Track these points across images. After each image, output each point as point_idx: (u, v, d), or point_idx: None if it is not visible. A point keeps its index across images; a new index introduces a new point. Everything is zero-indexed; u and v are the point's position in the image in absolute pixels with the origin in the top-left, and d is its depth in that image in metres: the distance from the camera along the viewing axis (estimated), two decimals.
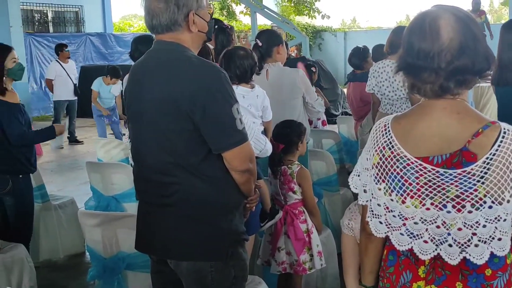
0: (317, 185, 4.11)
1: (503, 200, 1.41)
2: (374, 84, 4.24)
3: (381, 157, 1.56)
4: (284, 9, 19.58)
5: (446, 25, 1.45)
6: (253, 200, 2.28)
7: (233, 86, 3.05)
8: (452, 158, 1.44)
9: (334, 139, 5.31)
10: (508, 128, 1.44)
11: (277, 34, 4.15)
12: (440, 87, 1.47)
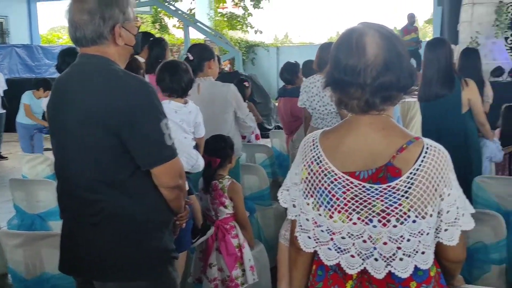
0: (249, 200, 4.10)
1: (426, 215, 1.44)
2: (306, 99, 4.30)
3: (309, 172, 1.56)
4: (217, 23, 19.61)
5: (371, 42, 1.47)
6: (183, 217, 2.24)
7: (166, 100, 3.04)
8: (377, 173, 1.46)
9: (267, 153, 5.33)
10: (430, 144, 1.47)
11: (208, 48, 4.13)
12: (366, 103, 1.49)
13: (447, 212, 1.48)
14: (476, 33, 12.42)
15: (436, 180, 1.44)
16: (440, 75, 3.97)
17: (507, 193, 3.32)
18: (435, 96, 3.99)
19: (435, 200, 1.45)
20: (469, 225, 1.52)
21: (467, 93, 3.97)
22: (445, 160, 1.47)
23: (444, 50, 4.01)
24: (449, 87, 3.95)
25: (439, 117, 4.02)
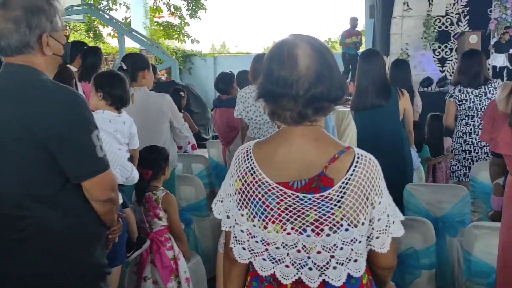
0: (186, 211, 4.06)
1: (358, 223, 1.47)
2: (242, 109, 4.30)
3: (243, 183, 1.56)
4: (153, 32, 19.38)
5: (303, 54, 1.49)
6: (116, 230, 2.18)
7: (99, 110, 2.96)
8: (310, 183, 1.47)
9: (204, 164, 5.30)
10: (361, 153, 1.50)
11: (143, 58, 4.07)
12: (299, 114, 1.51)
13: (378, 220, 1.51)
14: (406, 45, 12.90)
15: (367, 189, 1.47)
16: (375, 85, 4.04)
17: (436, 200, 3.43)
18: (371, 106, 4.05)
19: (366, 209, 1.48)
20: (399, 232, 1.56)
21: (403, 103, 4.09)
22: (376, 169, 1.50)
23: (378, 61, 4.10)
24: (385, 97, 4.03)
25: (376, 127, 4.08)
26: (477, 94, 4.48)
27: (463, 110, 4.58)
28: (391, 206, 1.54)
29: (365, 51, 4.53)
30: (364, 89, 4.07)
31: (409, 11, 12.80)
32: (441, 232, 3.39)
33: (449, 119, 4.70)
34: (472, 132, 4.55)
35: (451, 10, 14.24)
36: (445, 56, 14.38)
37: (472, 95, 4.49)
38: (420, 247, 2.71)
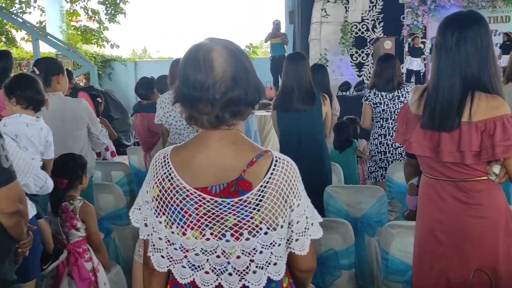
0: (105, 220, 3.94)
1: (277, 226, 1.46)
2: (162, 115, 4.23)
3: (161, 189, 1.52)
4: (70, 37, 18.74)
5: (219, 57, 1.47)
6: (26, 244, 2.07)
7: (16, 114, 2.83)
8: (229, 188, 1.46)
9: (124, 171, 5.17)
10: (279, 156, 1.50)
11: (56, 62, 3.92)
12: (216, 118, 1.49)
13: (297, 222, 1.52)
14: (325, 50, 13.22)
15: (285, 192, 1.47)
16: (301, 89, 4.10)
17: (354, 201, 3.52)
18: (296, 110, 4.11)
19: (285, 211, 1.48)
20: (318, 234, 1.57)
21: (326, 107, 4.18)
22: (294, 172, 1.50)
23: (304, 64, 4.16)
24: (310, 101, 4.10)
25: (299, 129, 4.15)
26: (391, 97, 4.64)
27: (378, 113, 4.74)
28: (309, 208, 1.55)
29: (292, 53, 4.58)
30: (289, 91, 4.13)
31: (327, 17, 13.15)
32: (360, 232, 3.48)
33: (365, 121, 4.84)
34: (386, 134, 4.72)
35: (367, 17, 14.75)
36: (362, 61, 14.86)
37: (386, 99, 4.66)
38: (340, 248, 2.77)
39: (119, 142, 9.66)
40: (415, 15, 14.50)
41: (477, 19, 2.08)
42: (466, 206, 2.12)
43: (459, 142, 2.02)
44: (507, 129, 1.96)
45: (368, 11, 14.50)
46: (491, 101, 2.01)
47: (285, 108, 4.17)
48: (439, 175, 2.17)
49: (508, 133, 1.96)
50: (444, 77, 2.08)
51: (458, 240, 2.15)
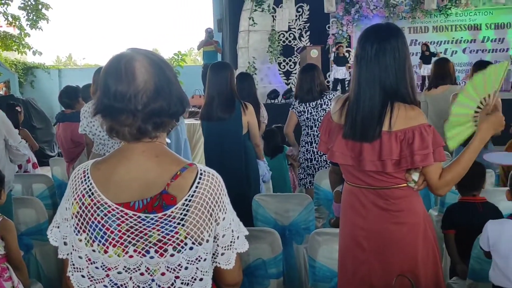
0: (25, 236, 3.77)
1: (203, 240, 1.44)
2: (86, 125, 4.12)
3: (80, 206, 1.46)
4: None
5: (141, 67, 1.44)
6: None
7: None
8: (153, 202, 1.42)
9: (46, 183, 4.96)
10: (204, 169, 1.48)
11: None
12: (138, 130, 1.45)
13: (223, 236, 1.50)
14: (253, 58, 13.34)
15: (211, 205, 1.45)
16: (222, 98, 4.11)
17: (282, 209, 3.55)
18: (217, 118, 4.12)
19: (210, 225, 1.46)
20: (244, 247, 1.56)
21: (247, 116, 4.19)
22: (219, 185, 1.49)
23: (226, 74, 4.17)
24: (230, 110, 4.11)
25: (220, 138, 4.16)
26: (314, 106, 4.75)
27: (303, 121, 4.83)
28: (235, 221, 1.54)
29: (216, 63, 4.58)
30: (211, 100, 4.14)
31: (254, 26, 13.27)
32: (289, 240, 3.51)
33: (287, 127, 4.96)
34: (312, 142, 4.81)
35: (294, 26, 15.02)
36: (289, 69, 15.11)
37: (309, 107, 4.76)
38: (268, 257, 2.77)
39: (42, 153, 9.31)
40: (340, 24, 14.91)
41: (395, 32, 2.15)
42: (387, 213, 2.18)
43: (380, 151, 2.08)
44: (425, 138, 2.04)
45: (295, 20, 14.77)
46: (409, 111, 2.08)
47: (207, 117, 4.20)
48: (361, 183, 2.22)
49: (426, 142, 2.04)
50: (364, 87, 2.13)
51: (380, 246, 2.21)
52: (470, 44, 15.28)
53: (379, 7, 14.81)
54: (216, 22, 16.91)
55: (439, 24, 15.27)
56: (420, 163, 2.05)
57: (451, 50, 15.30)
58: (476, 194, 3.15)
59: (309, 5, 14.83)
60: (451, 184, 2.17)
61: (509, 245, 2.48)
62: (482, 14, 15.08)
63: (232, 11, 14.75)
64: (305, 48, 12.40)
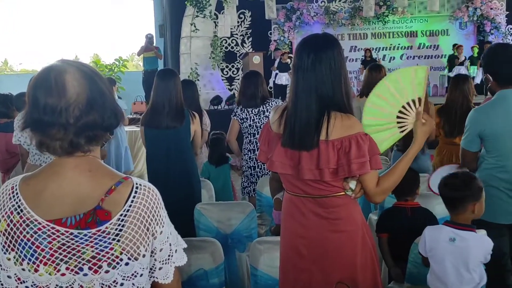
0: None
1: (139, 256, 1.42)
2: (20, 135, 3.99)
3: (9, 223, 1.40)
4: None
5: (72, 80, 1.41)
6: None
7: None
8: (86, 218, 1.38)
9: None
10: (140, 183, 1.45)
11: None
12: (70, 144, 1.41)
13: (160, 250, 1.48)
14: (196, 65, 13.28)
15: (147, 220, 1.42)
16: (171, 106, 4.05)
17: (225, 218, 3.54)
18: (166, 127, 4.06)
19: (147, 240, 1.43)
20: (182, 261, 1.54)
21: (194, 125, 4.17)
22: (156, 198, 1.46)
23: (175, 81, 4.12)
24: (180, 119, 4.06)
25: (167, 147, 4.10)
26: (256, 113, 4.75)
27: (245, 128, 4.83)
28: (173, 234, 1.52)
29: (162, 69, 4.52)
30: (160, 108, 4.07)
31: (196, 32, 13.22)
32: (231, 249, 3.50)
33: (230, 135, 4.92)
34: (255, 149, 4.81)
35: (236, 32, 15.08)
36: (232, 75, 15.14)
37: (252, 114, 4.76)
38: (210, 267, 2.75)
39: None
40: (282, 31, 15.10)
41: (331, 42, 2.18)
42: (326, 221, 2.21)
43: (318, 160, 2.10)
44: (361, 146, 2.08)
45: (237, 26, 14.84)
46: (346, 120, 2.12)
47: (154, 125, 4.11)
48: (300, 192, 2.24)
49: (362, 151, 2.07)
50: (301, 96, 2.15)
51: (320, 254, 2.23)
52: (407, 50, 15.81)
53: (319, 14, 15.09)
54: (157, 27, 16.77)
55: (378, 31, 15.72)
56: (357, 171, 2.08)
57: (389, 56, 15.77)
58: (408, 199, 3.24)
59: (250, 11, 14.94)
60: (387, 192, 2.22)
61: (444, 251, 2.56)
62: (418, 22, 15.64)
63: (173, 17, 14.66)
64: (247, 54, 12.47)
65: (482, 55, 3.27)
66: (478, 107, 3.20)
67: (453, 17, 15.35)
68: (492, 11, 14.87)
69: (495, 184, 3.05)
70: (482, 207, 2.60)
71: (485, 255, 2.54)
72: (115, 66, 16.62)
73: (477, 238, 2.57)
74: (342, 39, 15.47)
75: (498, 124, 2.97)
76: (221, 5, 13.23)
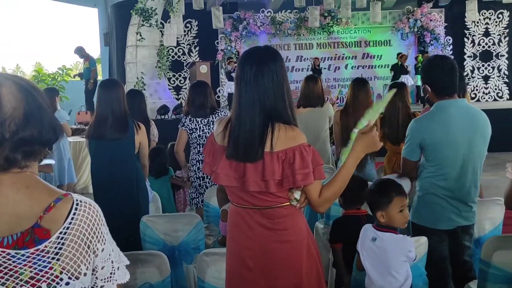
0: None
1: (80, 274, 1.38)
2: None
3: None
4: None
5: (8, 94, 1.36)
6: None
7: None
8: (24, 237, 1.33)
9: None
10: (80, 199, 1.42)
11: None
12: (6, 160, 1.36)
13: (102, 268, 1.45)
14: (142, 74, 13.14)
15: (88, 237, 1.39)
16: (115, 117, 3.97)
17: (171, 230, 3.50)
18: (110, 138, 3.98)
19: (88, 258, 1.40)
20: (125, 278, 1.51)
21: (139, 136, 4.09)
22: (97, 215, 1.43)
23: (118, 91, 4.04)
24: (124, 130, 3.99)
25: (112, 159, 4.02)
26: (206, 123, 4.74)
27: (194, 139, 4.80)
28: (115, 251, 1.49)
29: (105, 80, 4.42)
30: (103, 119, 3.98)
31: (142, 41, 13.09)
32: (178, 261, 3.46)
33: (178, 146, 4.87)
34: None
35: (183, 41, 15.03)
36: (179, 85, 15.07)
37: (201, 124, 4.74)
38: (156, 280, 2.71)
39: None
40: (229, 40, 15.15)
41: (273, 55, 2.20)
42: (272, 232, 2.22)
43: (263, 172, 2.11)
44: (305, 157, 2.10)
45: (184, 35, 14.79)
46: (290, 132, 2.14)
47: (98, 136, 4.02)
48: (246, 204, 2.24)
49: (306, 162, 2.10)
50: (245, 108, 2.16)
51: (266, 265, 2.24)
52: (351, 60, 16.17)
53: (266, 24, 15.24)
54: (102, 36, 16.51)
55: (323, 41, 16.01)
56: (301, 182, 2.10)
57: (334, 66, 16.09)
58: (359, 207, 3.30)
59: (197, 21, 14.94)
60: (331, 201, 2.25)
61: (368, 249, 2.70)
62: (361, 32, 16.03)
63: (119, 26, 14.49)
64: (194, 64, 12.44)
65: (421, 67, 3.37)
66: (418, 118, 3.30)
67: (395, 28, 15.82)
68: (431, 23, 15.42)
69: (435, 191, 3.14)
70: (389, 217, 2.67)
71: (405, 254, 2.63)
72: (58, 75, 16.24)
73: (395, 238, 2.66)
74: (288, 49, 15.68)
75: (437, 134, 3.06)
76: (167, 14, 13.17)
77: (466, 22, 15.40)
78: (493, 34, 15.80)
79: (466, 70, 15.72)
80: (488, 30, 15.80)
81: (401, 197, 2.68)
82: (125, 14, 13.48)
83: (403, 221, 2.69)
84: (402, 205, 2.68)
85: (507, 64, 15.85)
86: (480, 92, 15.91)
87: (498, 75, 15.89)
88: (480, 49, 15.85)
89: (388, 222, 2.67)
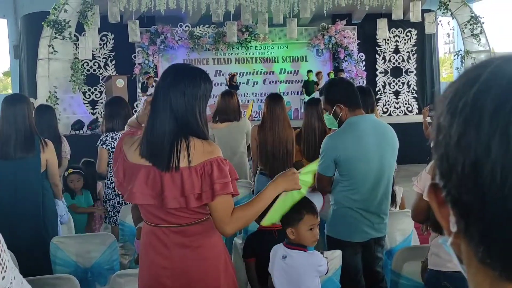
0: None
1: None
2: None
3: None
4: None
5: None
6: None
7: None
8: None
9: None
10: None
11: None
12: None
13: None
14: (55, 88, 12.67)
15: None
16: (19, 134, 3.77)
17: (84, 251, 3.37)
18: (14, 157, 3.77)
19: None
20: None
21: (46, 154, 3.90)
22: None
23: (23, 107, 3.83)
24: (29, 149, 3.80)
25: (16, 178, 3.81)
26: None
27: None
28: (16, 279, 1.40)
29: (9, 95, 4.18)
30: (7, 138, 3.77)
31: (55, 54, 12.63)
32: (91, 283, 3.34)
33: (101, 166, 4.68)
34: None
35: (98, 55, 14.69)
36: (95, 99, 14.69)
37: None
38: None
39: None
40: (146, 54, 14.95)
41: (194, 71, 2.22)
42: (189, 250, 2.19)
43: (182, 187, 2.09)
44: (222, 168, 2.11)
45: (99, 48, 14.45)
46: (207, 146, 2.14)
47: (2, 155, 3.80)
48: (162, 223, 2.20)
49: (224, 172, 2.10)
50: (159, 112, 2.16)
51: (184, 284, 2.20)
52: (268, 75, 16.42)
53: (184, 38, 15.19)
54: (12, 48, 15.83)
55: (241, 56, 16.16)
56: (220, 191, 2.09)
57: (252, 81, 16.27)
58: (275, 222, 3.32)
59: (113, 34, 14.66)
60: (239, 223, 2.21)
61: (279, 267, 2.73)
62: (278, 48, 16.34)
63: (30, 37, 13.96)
64: (110, 78, 12.18)
65: (324, 92, 3.40)
66: (332, 134, 3.37)
67: (310, 44, 16.25)
68: (345, 40, 15.98)
69: (349, 205, 3.22)
70: (299, 234, 2.69)
71: (315, 269, 2.68)
72: None
73: (304, 255, 2.70)
74: (207, 63, 15.69)
75: (350, 149, 3.15)
76: (82, 26, 12.80)
77: (378, 40, 16.07)
78: (403, 51, 16.60)
79: (378, 85, 16.38)
80: (398, 48, 16.57)
81: (312, 216, 2.70)
82: (37, 26, 12.97)
83: (312, 239, 2.72)
84: (312, 224, 2.70)
85: (416, 80, 16.68)
86: (391, 106, 16.61)
87: (408, 90, 16.68)
88: (391, 66, 16.58)
89: (298, 240, 2.70)
